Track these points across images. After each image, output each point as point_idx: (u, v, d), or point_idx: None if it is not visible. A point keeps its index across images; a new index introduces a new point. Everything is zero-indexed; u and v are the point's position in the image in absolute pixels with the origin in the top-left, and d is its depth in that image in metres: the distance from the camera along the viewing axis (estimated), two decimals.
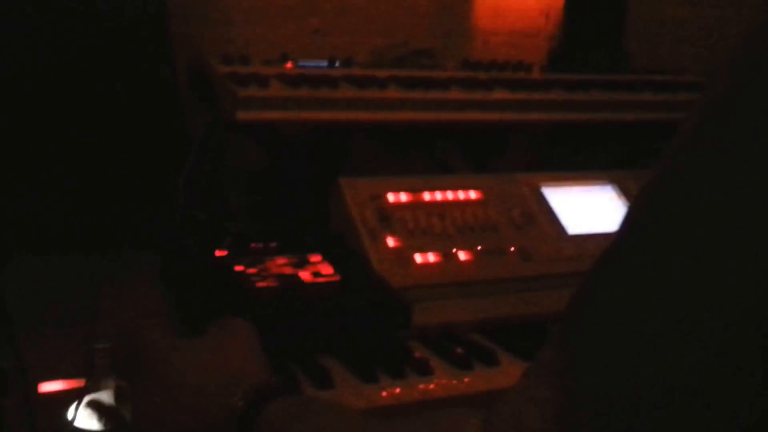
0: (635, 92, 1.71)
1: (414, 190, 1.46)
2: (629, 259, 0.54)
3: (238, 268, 1.26)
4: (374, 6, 2.06)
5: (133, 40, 1.46)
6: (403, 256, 1.36)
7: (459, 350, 1.18)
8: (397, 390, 1.09)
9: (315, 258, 1.32)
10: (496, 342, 1.23)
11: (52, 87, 1.42)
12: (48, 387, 1.02)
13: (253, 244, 1.35)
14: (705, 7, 1.99)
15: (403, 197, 1.44)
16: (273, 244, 1.36)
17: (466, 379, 1.14)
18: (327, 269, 1.28)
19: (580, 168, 1.64)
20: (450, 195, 1.47)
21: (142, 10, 1.48)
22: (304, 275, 1.26)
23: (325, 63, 1.71)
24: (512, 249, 1.41)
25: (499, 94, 1.61)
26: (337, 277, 1.27)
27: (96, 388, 0.98)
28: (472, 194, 1.48)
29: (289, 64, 1.66)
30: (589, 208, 1.52)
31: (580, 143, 1.77)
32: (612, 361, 0.51)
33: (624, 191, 1.57)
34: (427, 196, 1.46)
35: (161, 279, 1.32)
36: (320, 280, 1.26)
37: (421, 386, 1.10)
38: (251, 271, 1.26)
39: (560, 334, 0.56)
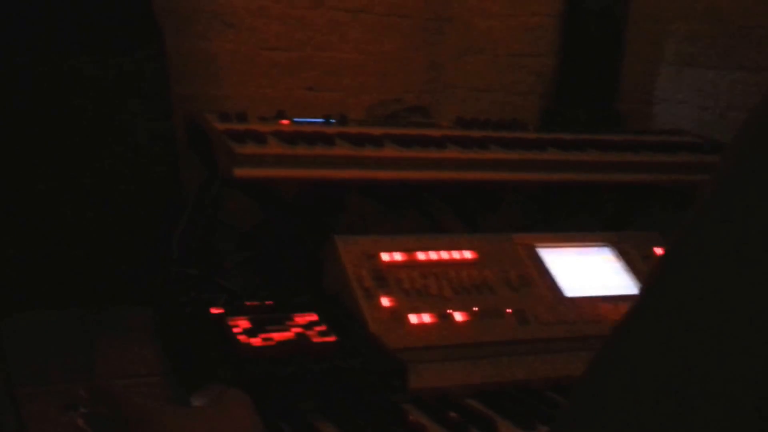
0: (631, 153, 1.72)
1: (409, 249, 1.45)
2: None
3: (234, 326, 1.25)
4: (367, 63, 2.08)
5: (134, 97, 1.47)
6: (398, 316, 1.35)
7: (454, 415, 1.16)
8: None
9: (310, 317, 1.30)
10: (493, 408, 1.21)
11: (51, 142, 1.42)
12: None
13: (248, 302, 1.34)
14: (699, 69, 2.02)
15: (398, 257, 1.43)
16: (268, 302, 1.35)
17: None
18: (322, 329, 1.27)
19: (575, 228, 1.64)
20: (445, 255, 1.46)
21: (143, 68, 1.49)
22: (299, 335, 1.25)
23: (320, 120, 1.72)
24: (509, 311, 1.40)
25: (494, 153, 1.61)
26: (332, 338, 1.25)
27: None
28: (468, 254, 1.47)
29: (285, 121, 1.66)
30: (585, 270, 1.52)
31: (575, 203, 1.77)
32: None
33: (621, 253, 1.57)
34: (422, 255, 1.45)
35: (156, 336, 1.30)
36: (315, 340, 1.24)
37: None
38: (246, 329, 1.24)
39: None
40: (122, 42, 1.50)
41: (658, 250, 1.60)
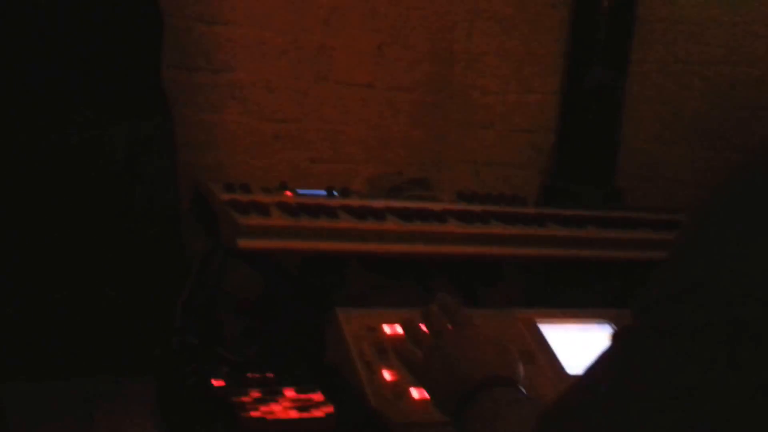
0: (630, 229, 1.74)
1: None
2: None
3: (235, 399, 1.24)
4: (370, 136, 2.12)
5: (140, 166, 1.49)
6: (399, 390, 1.34)
7: None
8: None
9: (311, 390, 1.30)
10: None
11: (52, 207, 1.44)
12: None
13: (249, 374, 1.34)
14: (696, 149, 2.07)
15: (400, 330, 1.43)
16: (270, 375, 1.35)
17: None
18: (323, 402, 1.27)
19: (576, 303, 1.64)
20: None
21: (150, 138, 1.52)
22: (301, 409, 1.24)
23: (323, 192, 1.74)
24: None
25: (494, 228, 1.63)
26: (333, 412, 1.25)
27: None
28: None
29: (288, 193, 1.69)
30: (587, 347, 1.52)
31: (575, 278, 1.78)
32: None
33: None
34: (424, 329, 1.45)
35: (157, 407, 1.29)
36: (316, 414, 1.24)
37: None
38: (247, 402, 1.24)
39: None
40: (130, 112, 1.53)
41: None
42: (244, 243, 1.44)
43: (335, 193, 1.75)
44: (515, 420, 0.87)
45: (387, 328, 1.43)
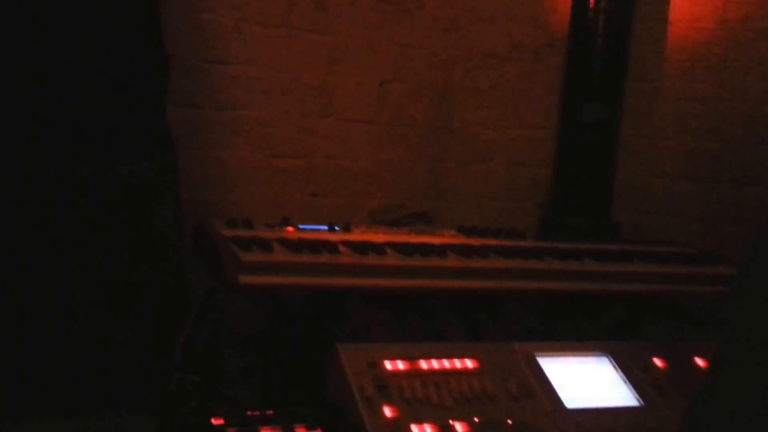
0: (627, 263, 1.76)
1: (411, 357, 1.46)
2: None
3: None
4: (371, 170, 2.15)
5: (146, 203, 1.52)
6: (399, 427, 1.35)
7: None
8: None
9: (312, 428, 1.31)
10: None
11: (57, 246, 1.45)
12: None
13: (249, 412, 1.34)
14: (690, 181, 2.09)
15: (401, 365, 1.45)
16: (269, 412, 1.35)
17: None
18: None
19: (574, 335, 1.66)
20: (447, 363, 1.47)
21: (156, 177, 1.55)
22: None
23: (324, 227, 1.76)
24: (509, 422, 1.40)
25: (493, 263, 1.65)
26: None
27: None
28: (469, 363, 1.49)
29: (290, 228, 1.70)
30: (585, 381, 1.53)
31: (574, 311, 1.79)
32: None
33: (619, 363, 1.58)
34: (424, 364, 1.46)
35: None
36: None
37: None
38: None
39: None
40: (136, 151, 1.56)
41: (657, 361, 1.61)
42: (246, 279, 1.45)
43: (337, 228, 1.77)
44: None
45: (388, 364, 1.44)
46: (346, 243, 1.62)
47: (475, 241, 1.76)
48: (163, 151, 1.60)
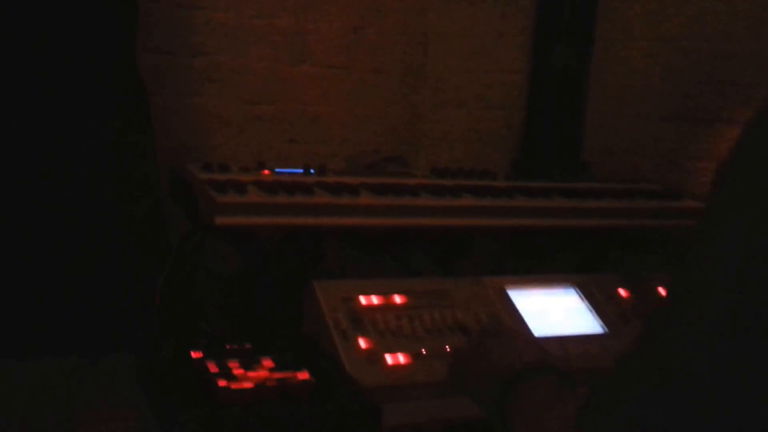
0: (595, 199, 1.80)
1: (385, 292, 1.51)
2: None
3: (213, 369, 1.29)
4: (347, 116, 2.17)
5: (119, 148, 1.53)
6: (374, 357, 1.40)
7: None
8: None
9: (289, 359, 1.35)
10: None
11: (35, 191, 1.47)
12: None
13: (228, 346, 1.38)
14: (657, 121, 2.13)
15: (375, 300, 1.49)
16: (248, 346, 1.40)
17: None
18: (300, 370, 1.31)
19: (543, 270, 1.71)
20: (419, 297, 1.52)
21: (128, 123, 1.56)
22: (278, 377, 1.29)
23: (300, 170, 1.79)
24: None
25: (465, 201, 1.68)
26: (309, 380, 1.29)
27: None
28: (441, 297, 1.54)
29: (266, 172, 1.73)
30: (553, 311, 1.58)
31: (543, 247, 1.84)
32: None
33: (585, 294, 1.64)
34: (397, 298, 1.51)
35: (138, 380, 1.34)
36: (293, 382, 1.28)
37: None
38: (226, 373, 1.28)
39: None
40: (107, 97, 1.57)
41: (622, 291, 1.67)
42: (221, 220, 1.48)
43: (312, 171, 1.80)
44: (557, 414, 0.85)
45: (363, 299, 1.49)
46: (321, 184, 1.65)
47: (448, 182, 1.80)
48: (135, 96, 1.61)
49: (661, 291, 1.71)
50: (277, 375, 1.29)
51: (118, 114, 1.55)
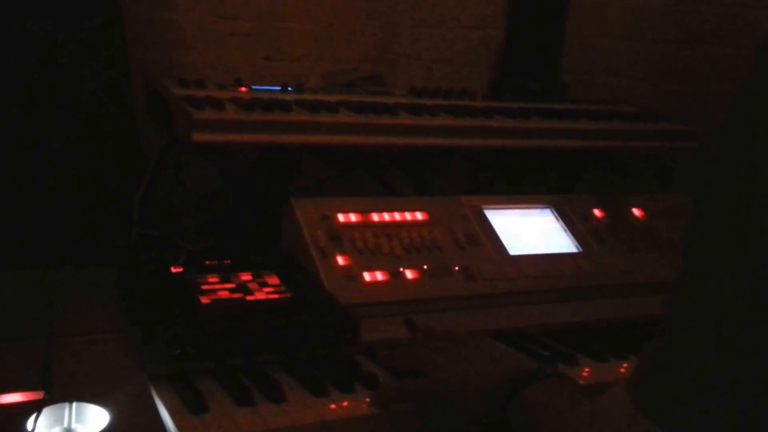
0: (572, 120, 1.81)
1: (363, 211, 1.51)
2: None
3: (193, 284, 1.30)
4: (325, 34, 2.13)
5: (92, 62, 1.50)
6: (352, 274, 1.42)
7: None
8: (346, 403, 1.11)
9: (267, 275, 1.36)
10: None
11: (5, 108, 1.45)
12: (7, 399, 1.04)
13: (207, 261, 1.39)
14: (636, 41, 2.12)
15: (353, 218, 1.50)
16: (227, 262, 1.40)
17: None
18: (279, 287, 1.33)
19: (519, 192, 1.72)
20: (398, 216, 1.53)
21: (100, 34, 1.52)
22: (257, 292, 1.30)
23: (278, 88, 1.77)
24: (456, 269, 1.48)
25: (444, 120, 1.68)
26: (288, 294, 1.31)
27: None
28: (419, 216, 1.55)
29: (243, 89, 1.71)
30: (529, 231, 1.61)
31: (520, 168, 1.85)
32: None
33: (561, 214, 1.66)
34: (375, 217, 1.52)
35: (117, 294, 1.34)
36: (272, 296, 1.30)
37: (370, 399, 1.15)
38: (205, 287, 1.30)
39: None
40: (79, 7, 1.52)
41: (596, 212, 1.70)
42: (198, 136, 1.46)
43: (290, 88, 1.78)
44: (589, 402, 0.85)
45: (341, 217, 1.50)
46: (299, 102, 1.63)
47: (427, 101, 1.79)
48: (108, 7, 1.57)
49: (635, 212, 1.74)
50: (256, 290, 1.31)
51: (89, 22, 1.51)
